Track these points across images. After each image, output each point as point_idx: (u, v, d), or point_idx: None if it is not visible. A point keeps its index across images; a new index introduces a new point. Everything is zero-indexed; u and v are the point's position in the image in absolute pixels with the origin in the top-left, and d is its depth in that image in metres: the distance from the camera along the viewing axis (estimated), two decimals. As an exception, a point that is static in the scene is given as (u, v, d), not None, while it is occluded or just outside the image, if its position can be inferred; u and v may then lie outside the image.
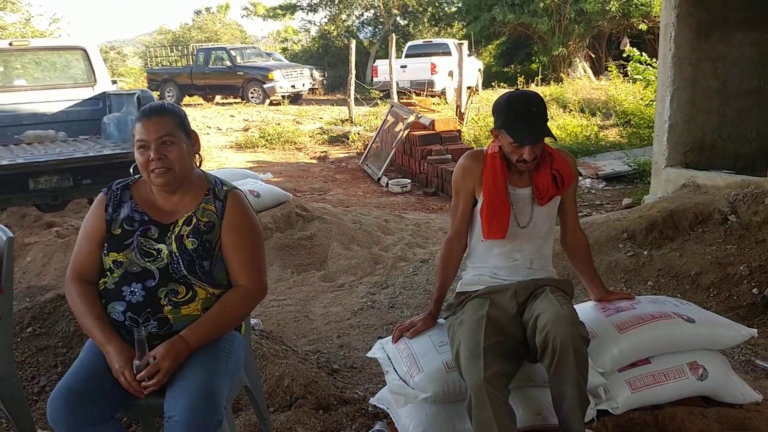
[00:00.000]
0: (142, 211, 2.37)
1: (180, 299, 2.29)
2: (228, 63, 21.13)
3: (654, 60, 11.99)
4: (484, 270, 2.73)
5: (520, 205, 2.68)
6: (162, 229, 2.35)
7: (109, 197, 2.40)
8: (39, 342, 3.47)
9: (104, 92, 8.20)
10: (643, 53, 13.82)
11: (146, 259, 2.31)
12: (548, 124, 2.61)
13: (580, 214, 7.29)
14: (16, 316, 3.55)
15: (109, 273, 2.33)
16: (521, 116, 2.55)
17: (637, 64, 13.68)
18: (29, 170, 6.45)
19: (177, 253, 2.31)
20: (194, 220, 2.36)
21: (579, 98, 15.17)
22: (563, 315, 2.40)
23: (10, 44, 8.16)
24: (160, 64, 29.06)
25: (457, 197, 2.75)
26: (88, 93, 8.20)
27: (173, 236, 2.33)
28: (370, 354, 2.90)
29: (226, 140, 14.65)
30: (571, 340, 2.34)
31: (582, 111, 14.14)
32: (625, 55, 14.94)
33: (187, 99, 21.71)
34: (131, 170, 2.44)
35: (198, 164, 2.45)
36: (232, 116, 17.42)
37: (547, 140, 2.66)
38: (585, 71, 22.04)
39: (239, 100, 20.71)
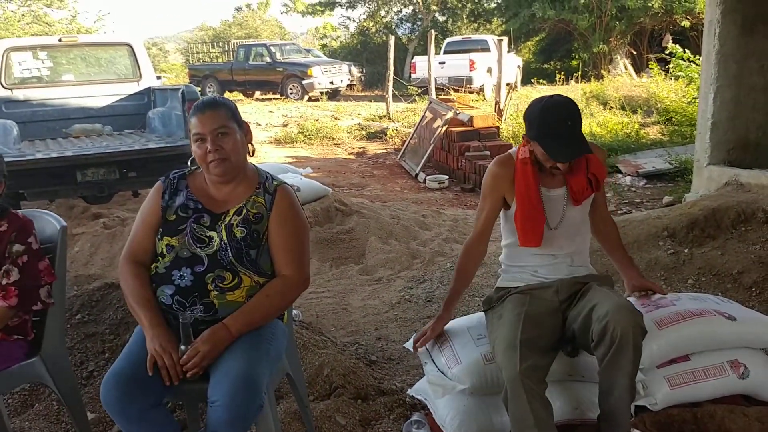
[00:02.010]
0: (197, 200, 2.45)
1: (226, 285, 2.34)
2: (267, 59, 21.30)
3: (697, 57, 11.81)
4: (525, 269, 2.73)
5: (554, 206, 2.66)
6: (214, 218, 2.41)
7: (166, 185, 2.48)
8: (87, 329, 3.58)
9: (149, 87, 8.34)
10: (686, 50, 13.61)
11: (198, 245, 2.37)
12: (588, 122, 2.60)
13: (620, 212, 7.27)
14: (66, 304, 3.65)
15: (160, 258, 2.39)
16: (557, 131, 2.49)
17: (680, 61, 13.47)
18: (77, 163, 6.59)
19: (226, 241, 2.36)
20: (244, 211, 2.42)
21: (620, 95, 14.98)
22: (625, 305, 2.41)
23: (60, 40, 8.35)
24: (201, 60, 29.41)
25: (484, 201, 2.73)
26: (133, 88, 8.36)
27: (223, 225, 2.39)
28: (407, 345, 2.92)
29: (265, 135, 14.77)
30: (632, 330, 2.34)
31: (623, 108, 13.97)
32: (667, 52, 14.72)
33: (227, 95, 21.92)
34: (189, 162, 2.52)
35: (251, 153, 2.51)
36: (271, 112, 17.56)
37: None
38: (626, 68, 21.76)
39: (278, 95, 20.86)
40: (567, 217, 2.68)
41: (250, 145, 2.50)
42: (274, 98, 20.77)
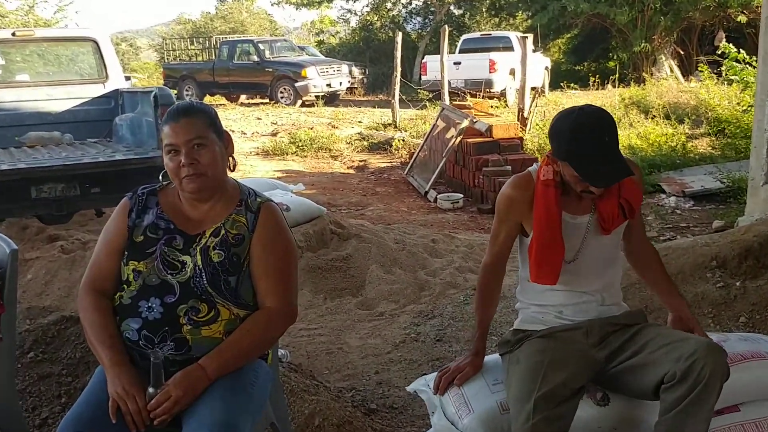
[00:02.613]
0: (168, 219, 2.47)
1: (201, 318, 2.36)
2: (255, 58, 21.44)
3: (754, 58, 11.83)
4: (547, 309, 2.72)
5: (577, 235, 2.65)
6: (187, 240, 2.44)
7: (133, 202, 2.51)
8: (41, 369, 3.58)
9: (117, 90, 8.36)
10: (741, 50, 13.62)
11: (169, 271, 2.39)
12: (626, 133, 2.61)
13: (662, 238, 7.28)
14: (16, 340, 3.67)
15: (125, 286, 2.41)
16: (592, 151, 2.47)
17: (734, 63, 13.45)
18: (31, 176, 6.58)
19: (201, 266, 2.39)
20: (223, 232, 2.44)
21: (664, 102, 15.02)
22: (713, 343, 2.44)
23: (13, 34, 8.40)
24: (178, 59, 29.59)
25: (499, 224, 2.73)
26: (98, 90, 8.39)
27: (199, 248, 2.42)
28: (411, 387, 2.91)
29: (251, 146, 14.84)
30: (720, 371, 2.36)
31: (667, 117, 13.99)
32: (719, 52, 14.76)
33: (208, 99, 21.99)
34: (161, 177, 2.53)
35: (231, 167, 2.54)
36: (258, 119, 17.64)
37: None
38: (671, 70, 21.81)
39: (267, 100, 20.93)
40: (592, 248, 2.67)
41: (230, 158, 2.54)
42: (262, 103, 20.85)
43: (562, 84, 20.01)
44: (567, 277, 2.64)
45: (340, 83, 21.57)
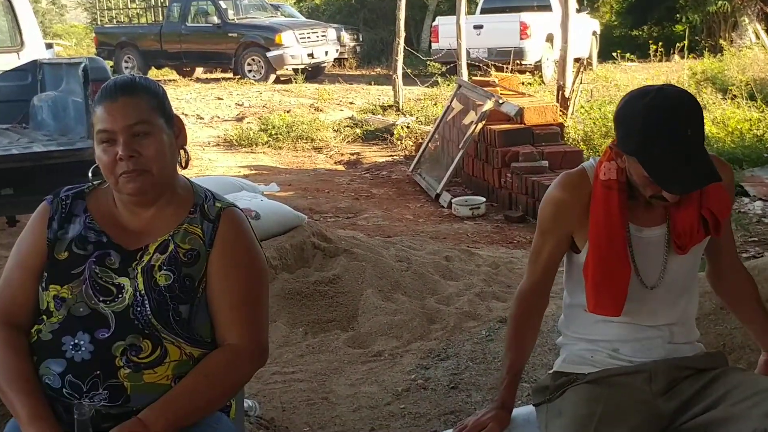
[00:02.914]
0: (100, 230, 2.46)
1: (143, 359, 2.35)
2: (215, 19, 21.47)
3: None
4: (599, 345, 2.72)
5: (648, 255, 2.65)
6: (125, 257, 2.43)
7: (54, 208, 2.49)
8: (-66, 424, 3.59)
9: (35, 61, 8.36)
10: None
11: (101, 298, 2.38)
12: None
13: (745, 254, 7.26)
14: None
15: (45, 317, 2.40)
16: (670, 147, 2.43)
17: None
18: None
19: (143, 292, 2.38)
20: (171, 247, 2.44)
21: (747, 78, 14.99)
22: None
23: None
24: (114, 20, 29.56)
25: (542, 238, 2.72)
26: (10, 62, 8.38)
27: (140, 268, 2.41)
28: None
29: (210, 135, 14.91)
30: None
31: (752, 98, 13.97)
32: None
33: (154, 72, 22.02)
34: (90, 174, 2.52)
35: (183, 163, 2.54)
36: (219, 99, 17.67)
37: None
38: (758, 37, 21.82)
39: (231, 74, 20.98)
40: (671, 268, 2.66)
41: (182, 151, 2.54)
42: (224, 79, 20.89)
43: (614, 54, 20.02)
44: (630, 306, 2.63)
45: (326, 53, 21.64)
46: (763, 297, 4.73)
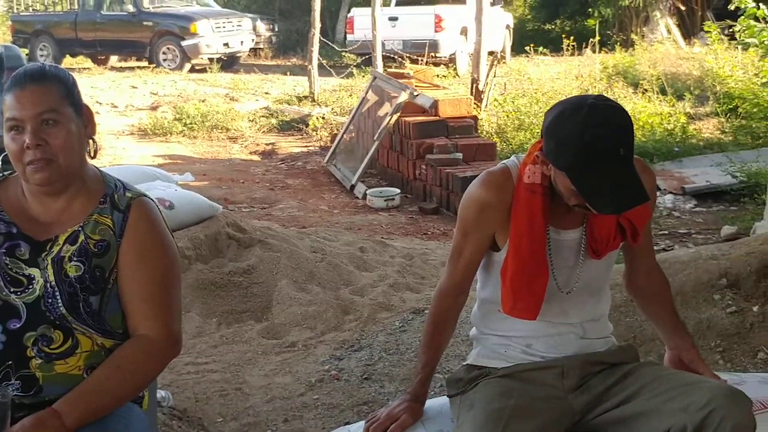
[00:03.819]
0: (10, 221, 2.43)
1: (54, 350, 2.34)
2: (130, 8, 21.11)
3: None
4: (513, 340, 2.73)
5: (564, 257, 2.65)
6: (35, 247, 2.40)
7: (-38, 199, 2.46)
8: None
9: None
10: (761, 5, 13.76)
11: (11, 289, 2.36)
12: None
13: (656, 247, 7.28)
14: None
15: (-47, 311, 2.37)
16: (603, 169, 2.39)
17: (752, 22, 13.59)
18: None
19: (54, 283, 2.36)
20: (81, 238, 2.42)
21: (658, 72, 15.15)
22: (736, 390, 2.45)
23: None
24: (30, 9, 28.99)
25: (464, 238, 2.70)
26: None
27: (50, 258, 2.39)
28: None
29: (124, 123, 14.71)
30: (747, 424, 2.38)
31: (663, 92, 14.10)
32: (732, 7, 14.93)
33: (68, 60, 21.63)
34: (0, 162, 2.52)
35: (92, 154, 2.52)
36: (134, 87, 17.45)
37: None
38: (669, 32, 22.02)
39: (146, 63, 20.70)
40: (584, 269, 2.68)
41: (91, 141, 2.51)
42: (138, 67, 20.60)
43: (528, 48, 20.14)
44: (544, 306, 2.63)
45: (241, 42, 21.47)
46: (675, 291, 4.79)
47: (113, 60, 22.27)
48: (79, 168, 2.45)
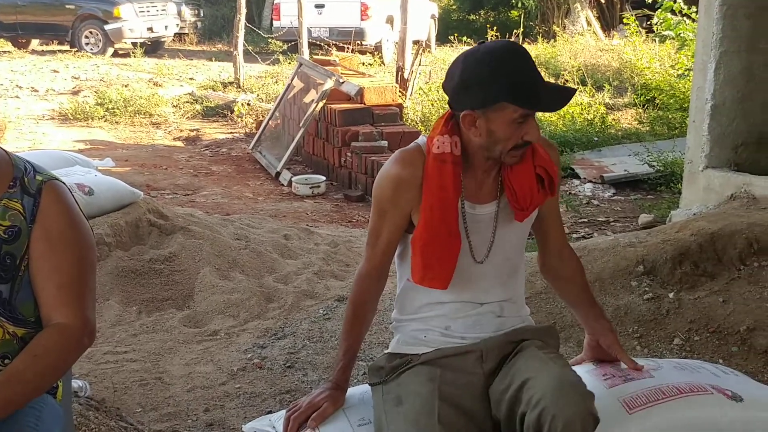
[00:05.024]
0: None
1: (-35, 341, 2.29)
2: (52, -10, 20.84)
3: (693, 9, 12.21)
4: (432, 323, 2.74)
5: (479, 231, 2.69)
6: (-58, 235, 2.34)
7: None
8: None
9: None
10: (677, -1, 14.06)
11: None
12: None
13: (575, 235, 7.44)
14: None
15: None
16: (529, 75, 2.54)
17: (668, 15, 13.90)
18: None
19: (-38, 272, 2.30)
20: (-10, 224, 2.35)
21: (579, 63, 15.47)
22: (568, 382, 2.43)
23: None
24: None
25: (380, 218, 2.71)
26: None
27: (-43, 245, 2.32)
28: (249, 427, 2.91)
29: (44, 108, 14.55)
30: (579, 422, 2.36)
31: (582, 83, 14.40)
32: (650, 1, 15.21)
33: (-14, 43, 21.29)
34: None
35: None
36: (55, 71, 17.30)
37: None
38: (590, 24, 22.40)
39: (68, 47, 20.49)
40: (499, 245, 2.70)
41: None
42: (60, 51, 20.39)
43: (452, 37, 20.29)
44: (460, 283, 2.66)
45: (166, 27, 21.37)
46: (594, 277, 4.88)
47: (34, 43, 21.98)
48: None
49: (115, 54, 19.96)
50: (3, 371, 2.29)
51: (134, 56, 19.38)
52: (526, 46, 18.51)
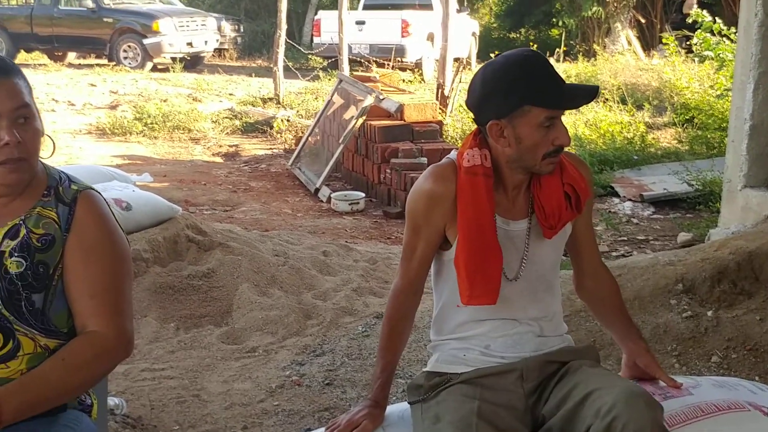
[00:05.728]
0: (-52, 217, 2.36)
1: (-6, 353, 2.29)
2: (89, 3, 20.99)
3: (732, 30, 12.20)
4: (472, 342, 2.73)
5: (512, 247, 2.68)
6: (-27, 244, 2.34)
7: None
8: None
9: None
10: (717, 19, 14.04)
11: None
12: (571, 120, 2.67)
13: (615, 253, 7.41)
14: None
15: None
16: (552, 78, 2.58)
17: (708, 35, 13.87)
18: None
19: (-8, 280, 2.30)
20: (23, 232, 2.36)
21: (619, 83, 15.39)
22: (638, 393, 2.43)
23: None
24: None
25: (415, 234, 2.72)
26: None
27: (-11, 254, 2.33)
28: None
29: (82, 122, 14.61)
30: (650, 429, 2.36)
31: (623, 102, 14.36)
32: (690, 21, 15.15)
33: (23, 56, 21.45)
34: None
35: (52, 151, 2.51)
36: (92, 86, 17.38)
37: None
38: (630, 43, 22.35)
39: (105, 61, 20.61)
40: (532, 261, 2.70)
41: (49, 138, 2.48)
42: (98, 65, 20.50)
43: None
44: (506, 301, 2.66)
45: (206, 42, 21.43)
46: (633, 295, 4.87)
47: (71, 56, 22.13)
48: (36, 168, 2.42)
49: (154, 69, 20.02)
50: (31, 371, 2.29)
51: (173, 71, 19.47)
52: (566, 64, 18.67)
